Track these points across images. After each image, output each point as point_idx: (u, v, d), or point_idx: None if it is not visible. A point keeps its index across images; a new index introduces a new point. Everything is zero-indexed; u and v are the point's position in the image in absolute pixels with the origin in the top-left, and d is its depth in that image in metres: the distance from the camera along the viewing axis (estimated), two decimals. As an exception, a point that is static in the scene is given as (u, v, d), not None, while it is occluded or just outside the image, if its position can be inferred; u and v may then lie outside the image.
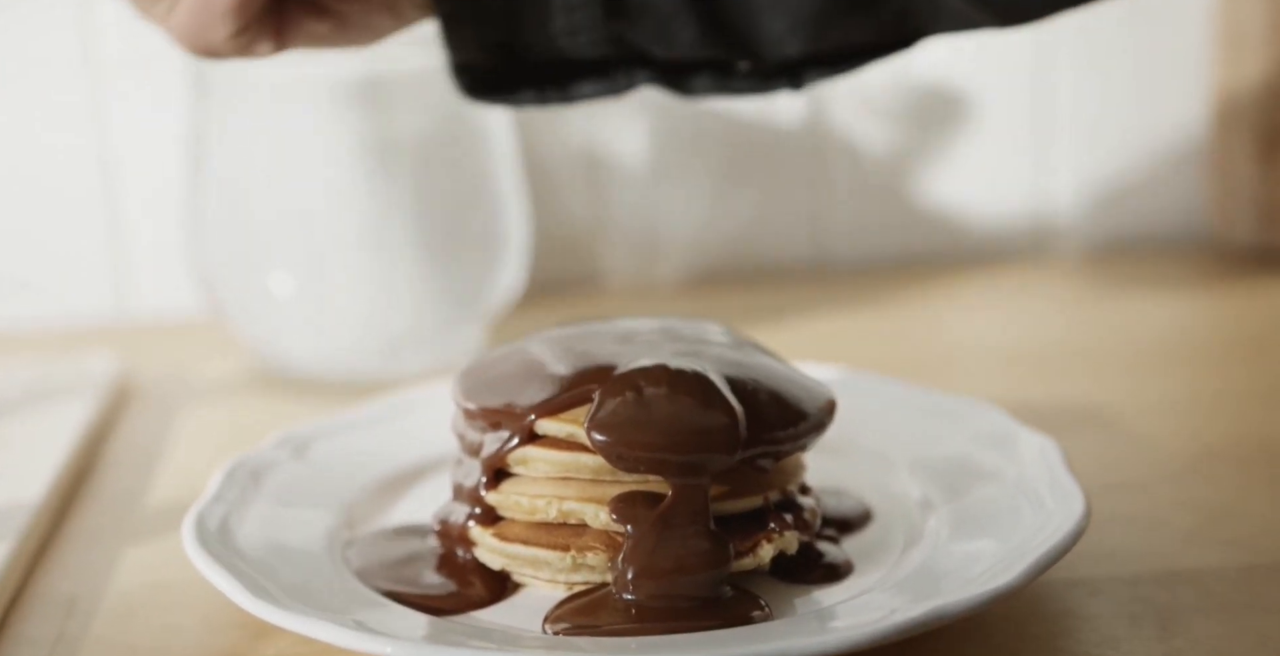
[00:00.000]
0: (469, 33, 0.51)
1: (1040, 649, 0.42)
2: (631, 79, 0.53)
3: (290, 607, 0.41)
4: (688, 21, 0.49)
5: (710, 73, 0.53)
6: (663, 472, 0.43)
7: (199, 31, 0.47)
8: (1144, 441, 0.60)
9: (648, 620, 0.42)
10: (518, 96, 0.53)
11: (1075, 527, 0.43)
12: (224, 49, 0.48)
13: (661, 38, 0.50)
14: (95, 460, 0.62)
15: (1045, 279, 0.90)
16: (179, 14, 0.47)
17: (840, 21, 0.49)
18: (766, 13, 0.49)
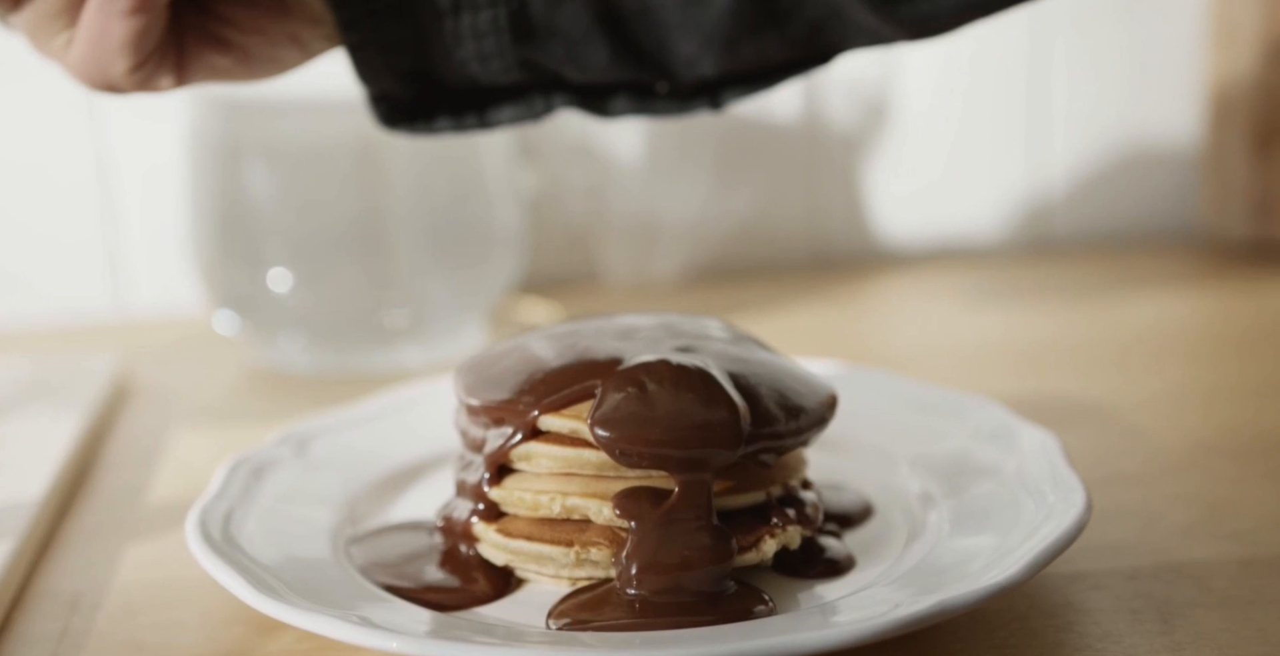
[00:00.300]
0: (379, 62, 0.50)
1: (1043, 643, 0.42)
2: (549, 103, 0.52)
3: (295, 603, 0.41)
4: (598, 45, 0.49)
5: (628, 94, 0.52)
6: (666, 468, 0.43)
7: (97, 67, 0.46)
8: (1140, 435, 0.60)
9: (652, 615, 0.42)
10: (435, 125, 0.53)
11: (1077, 521, 0.43)
12: (123, 84, 0.47)
13: (572, 61, 0.50)
14: (94, 458, 0.62)
15: (1041, 274, 0.91)
16: (75, 49, 0.46)
17: (750, 41, 0.49)
18: (675, 34, 0.49)
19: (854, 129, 0.93)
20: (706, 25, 0.49)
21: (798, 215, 0.93)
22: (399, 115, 0.53)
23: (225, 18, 0.49)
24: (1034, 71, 0.93)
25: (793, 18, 0.49)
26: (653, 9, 0.48)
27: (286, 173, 0.73)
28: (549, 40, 0.49)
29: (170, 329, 0.85)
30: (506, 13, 0.48)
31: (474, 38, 0.49)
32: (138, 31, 0.45)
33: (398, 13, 0.49)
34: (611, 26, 0.49)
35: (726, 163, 0.92)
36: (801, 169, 0.93)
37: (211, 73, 0.50)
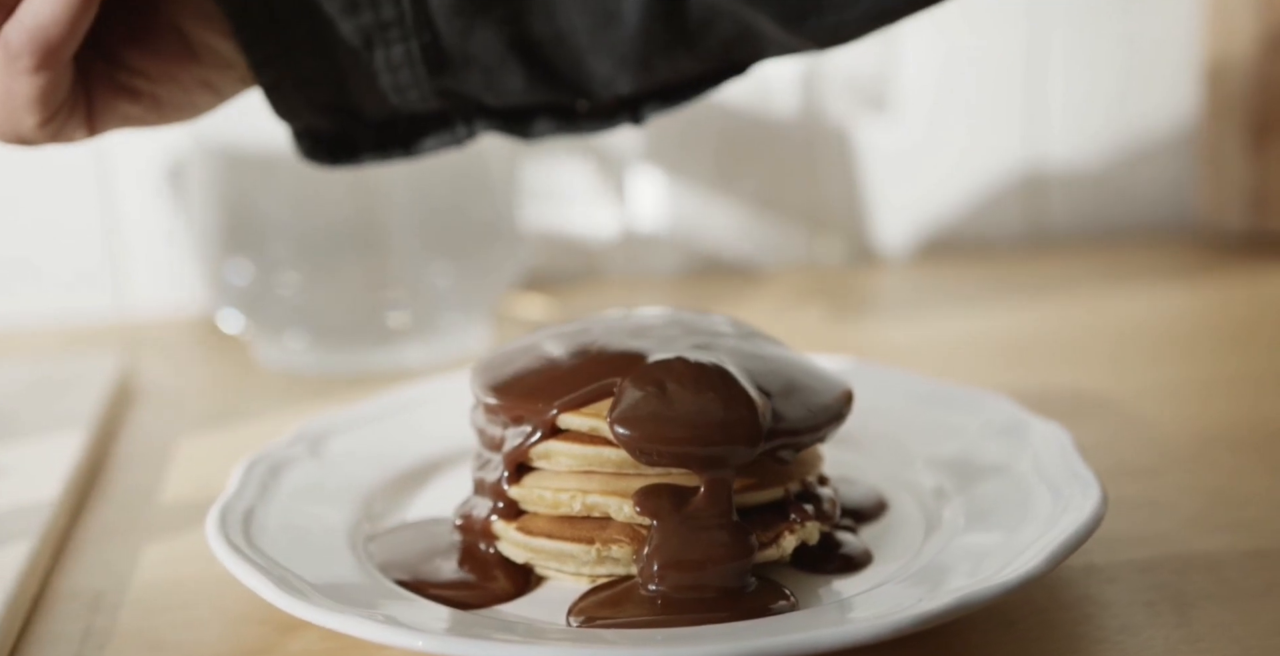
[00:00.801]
0: (296, 99, 0.50)
1: (1062, 635, 0.42)
2: (471, 128, 0.53)
3: (319, 603, 0.41)
4: (514, 70, 0.49)
5: (550, 115, 0.53)
6: (686, 466, 0.44)
7: (6, 123, 0.46)
8: (1143, 427, 0.61)
9: (673, 612, 0.42)
10: (360, 157, 0.53)
11: (1094, 514, 0.43)
12: (34, 137, 0.47)
13: (490, 88, 0.50)
14: (104, 458, 0.62)
15: (1038, 267, 0.91)
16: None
17: (664, 59, 0.50)
18: (589, 56, 0.49)
19: (851, 125, 0.93)
20: (619, 47, 0.49)
21: (797, 210, 0.94)
22: (322, 149, 0.53)
23: (133, 68, 0.49)
24: (1031, 64, 0.93)
25: (703, 36, 0.49)
26: (564, 33, 0.49)
27: (288, 171, 0.73)
28: (464, 69, 0.49)
29: (173, 328, 0.85)
30: (419, 45, 0.48)
31: (389, 71, 0.49)
32: (43, 88, 0.45)
33: (310, 50, 0.49)
34: (525, 52, 0.49)
35: (726, 157, 0.92)
36: (800, 165, 0.93)
37: (125, 121, 0.50)
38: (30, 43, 0.43)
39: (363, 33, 0.48)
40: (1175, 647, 0.41)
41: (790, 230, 0.94)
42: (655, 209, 0.92)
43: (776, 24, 0.48)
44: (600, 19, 0.48)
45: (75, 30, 0.44)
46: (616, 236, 0.92)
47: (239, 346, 0.78)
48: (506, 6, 0.48)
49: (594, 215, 0.92)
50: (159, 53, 0.48)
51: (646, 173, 0.91)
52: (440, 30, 0.48)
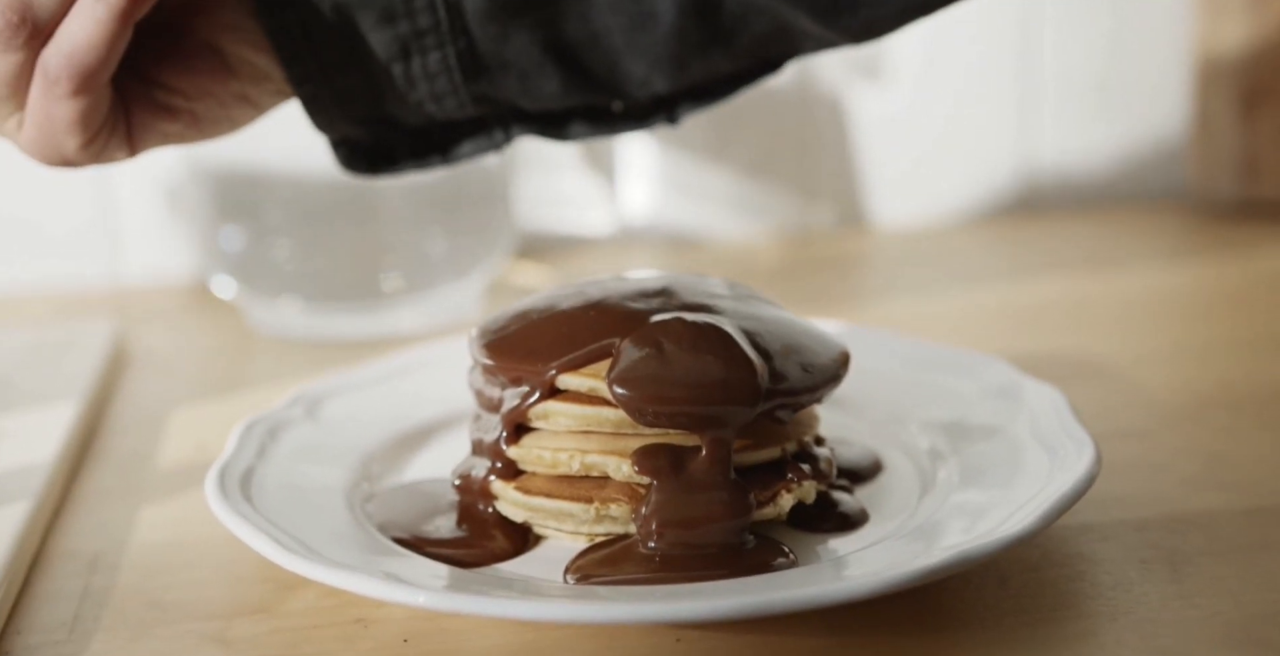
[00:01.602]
0: (334, 112, 0.51)
1: (1057, 592, 0.43)
2: (508, 133, 0.53)
3: (318, 560, 0.41)
4: (549, 73, 0.50)
5: (586, 118, 0.53)
6: (684, 426, 0.44)
7: (49, 146, 0.47)
8: (1140, 390, 0.61)
9: (672, 569, 0.43)
10: (398, 165, 0.53)
11: (1088, 473, 0.44)
12: (78, 159, 0.48)
13: (526, 92, 0.50)
14: (100, 422, 0.62)
15: (1031, 237, 0.91)
16: (26, 131, 0.47)
17: (699, 59, 0.50)
18: (624, 57, 0.49)
19: (845, 90, 0.93)
20: (654, 48, 0.49)
21: (790, 177, 0.94)
22: (360, 158, 0.53)
23: (170, 86, 0.49)
24: (1024, 32, 0.93)
25: (738, 34, 0.49)
26: (599, 35, 0.49)
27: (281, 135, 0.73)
28: (500, 74, 0.50)
29: (167, 295, 0.85)
30: (455, 52, 0.49)
31: (426, 79, 0.49)
32: (82, 112, 0.45)
33: (348, 63, 0.49)
34: (560, 55, 0.49)
35: (719, 125, 0.92)
36: (794, 131, 0.93)
37: (165, 139, 0.50)
38: (68, 67, 0.44)
39: (399, 41, 0.48)
40: (1168, 603, 0.42)
41: (783, 198, 0.94)
42: (649, 176, 0.92)
43: (812, 19, 0.48)
44: (635, 20, 0.48)
45: (111, 54, 0.44)
46: (610, 204, 0.92)
47: (233, 312, 0.78)
48: (541, 10, 0.48)
49: (588, 182, 0.92)
50: (195, 70, 0.49)
51: (639, 140, 0.91)
52: (475, 36, 0.48)
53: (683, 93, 0.52)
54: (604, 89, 0.51)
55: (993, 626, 0.41)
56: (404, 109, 0.51)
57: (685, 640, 0.41)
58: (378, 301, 0.74)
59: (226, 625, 0.43)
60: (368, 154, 0.53)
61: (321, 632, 0.43)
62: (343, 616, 0.43)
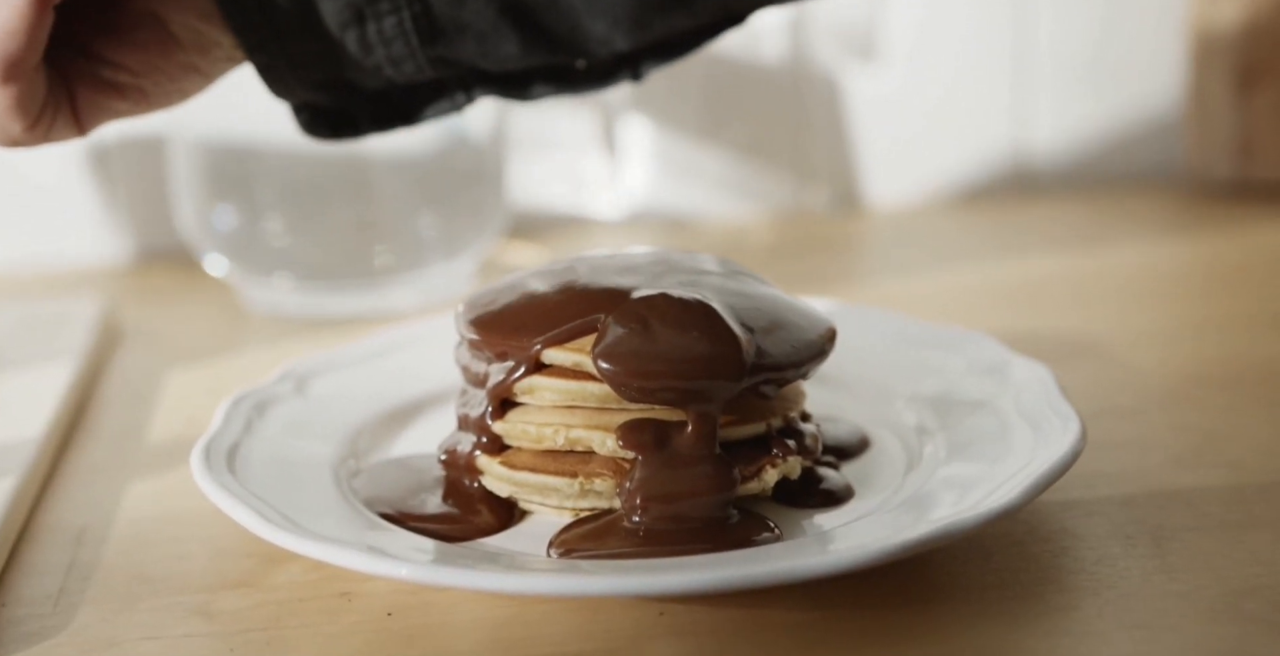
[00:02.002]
0: (291, 79, 0.50)
1: (1040, 567, 0.43)
2: (470, 95, 0.53)
3: (303, 533, 0.41)
4: (508, 36, 0.49)
5: (548, 78, 0.52)
6: (669, 401, 0.44)
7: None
8: (1133, 370, 0.61)
9: (656, 543, 0.43)
10: (360, 129, 0.53)
11: (1073, 448, 0.44)
12: (26, 140, 0.47)
13: (485, 55, 0.50)
14: (90, 398, 0.62)
15: (1026, 217, 0.91)
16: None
17: (659, 16, 0.49)
18: (584, 17, 0.49)
19: (839, 76, 0.93)
20: (614, 7, 0.48)
21: (784, 157, 0.93)
22: (322, 123, 0.53)
23: (114, 63, 0.48)
24: (1019, 11, 0.93)
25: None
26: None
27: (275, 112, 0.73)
28: (458, 37, 0.49)
29: (160, 272, 0.85)
30: (410, 16, 0.48)
31: (382, 44, 0.49)
32: (16, 98, 0.45)
33: (302, 30, 0.48)
34: (518, 17, 0.49)
35: (713, 105, 0.92)
36: (787, 115, 0.93)
37: (113, 115, 0.49)
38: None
39: (353, 8, 0.48)
40: (1150, 577, 0.42)
41: (777, 178, 0.94)
42: (642, 156, 0.92)
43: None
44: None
45: (33, 40, 0.44)
46: (604, 185, 0.92)
47: (226, 290, 0.78)
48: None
49: (581, 162, 0.91)
50: (138, 43, 0.48)
51: (633, 120, 0.91)
52: (431, 0, 0.48)
53: (645, 50, 0.52)
54: (564, 49, 0.50)
55: (976, 600, 0.41)
56: (362, 74, 0.50)
57: (669, 613, 0.41)
58: (370, 280, 0.74)
59: (211, 598, 0.43)
60: (329, 119, 0.53)
61: (306, 606, 0.43)
62: (327, 590, 0.43)
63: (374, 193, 0.74)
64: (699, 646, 0.40)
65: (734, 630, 0.40)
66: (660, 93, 0.91)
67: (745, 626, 0.40)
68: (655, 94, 0.91)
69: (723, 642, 0.40)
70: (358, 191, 0.74)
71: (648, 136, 0.91)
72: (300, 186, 0.73)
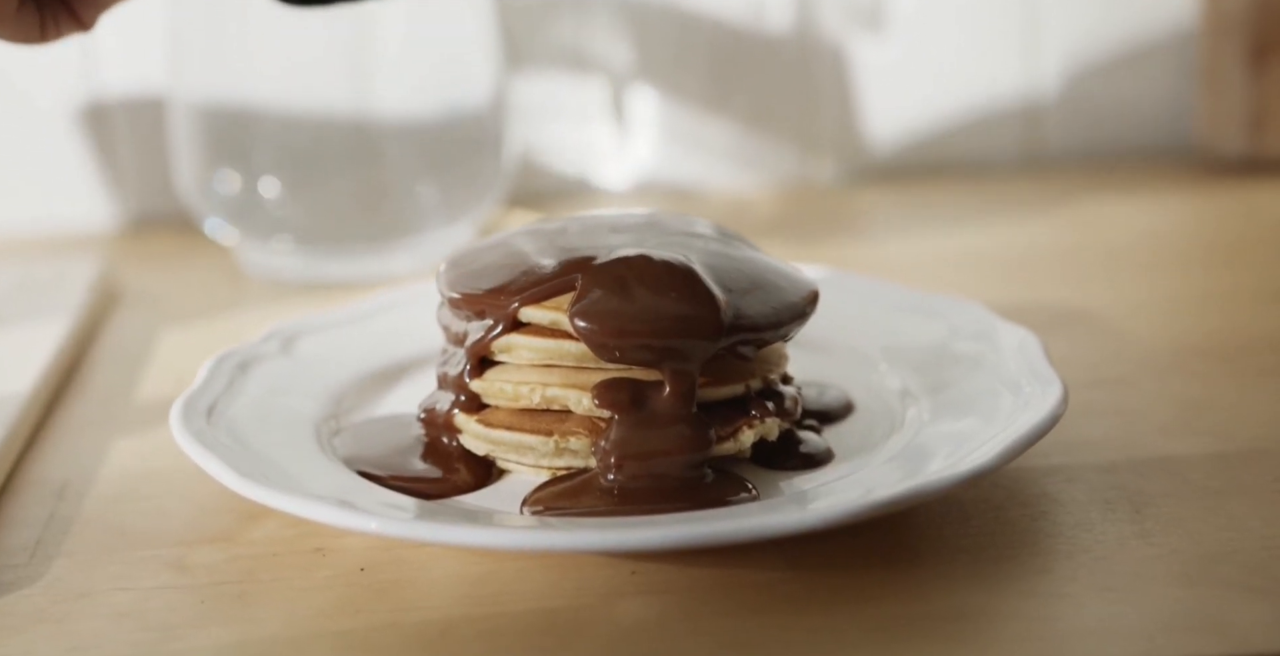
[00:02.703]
0: None
1: (1017, 531, 0.43)
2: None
3: (275, 486, 0.41)
4: None
5: None
6: (645, 360, 0.43)
7: None
8: (1128, 340, 0.60)
9: (630, 502, 0.43)
10: None
11: (1052, 411, 0.43)
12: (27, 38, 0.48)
13: None
14: (82, 357, 0.63)
15: (1033, 187, 0.90)
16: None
17: None
18: None
19: (844, 43, 0.92)
20: None
21: (789, 127, 0.93)
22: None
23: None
24: (1030, -16, 0.92)
25: None
26: None
27: (276, 76, 0.73)
28: None
29: (159, 236, 0.85)
30: None
31: None
32: None
33: None
34: None
35: (718, 74, 0.91)
36: (794, 80, 0.92)
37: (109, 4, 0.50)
38: None
39: None
40: (1126, 541, 0.41)
41: (782, 148, 0.93)
42: (646, 125, 0.91)
43: None
44: None
45: None
46: (607, 153, 0.92)
47: (225, 254, 0.78)
48: None
49: (585, 131, 0.91)
50: None
51: (637, 89, 0.91)
52: None
53: None
54: None
55: (948, 561, 0.41)
56: None
57: (641, 572, 0.41)
58: (369, 245, 0.74)
59: (187, 551, 0.43)
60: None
61: (280, 560, 0.43)
62: (302, 546, 0.43)
63: (374, 158, 0.74)
64: (669, 604, 0.40)
65: (705, 588, 0.40)
66: (665, 62, 0.90)
67: (717, 585, 0.40)
68: (660, 63, 0.90)
69: (694, 601, 0.40)
70: (358, 156, 0.74)
71: (652, 106, 0.91)
72: (300, 151, 0.73)
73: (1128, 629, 0.37)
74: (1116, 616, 0.38)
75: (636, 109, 0.91)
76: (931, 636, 0.37)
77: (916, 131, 0.94)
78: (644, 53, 0.90)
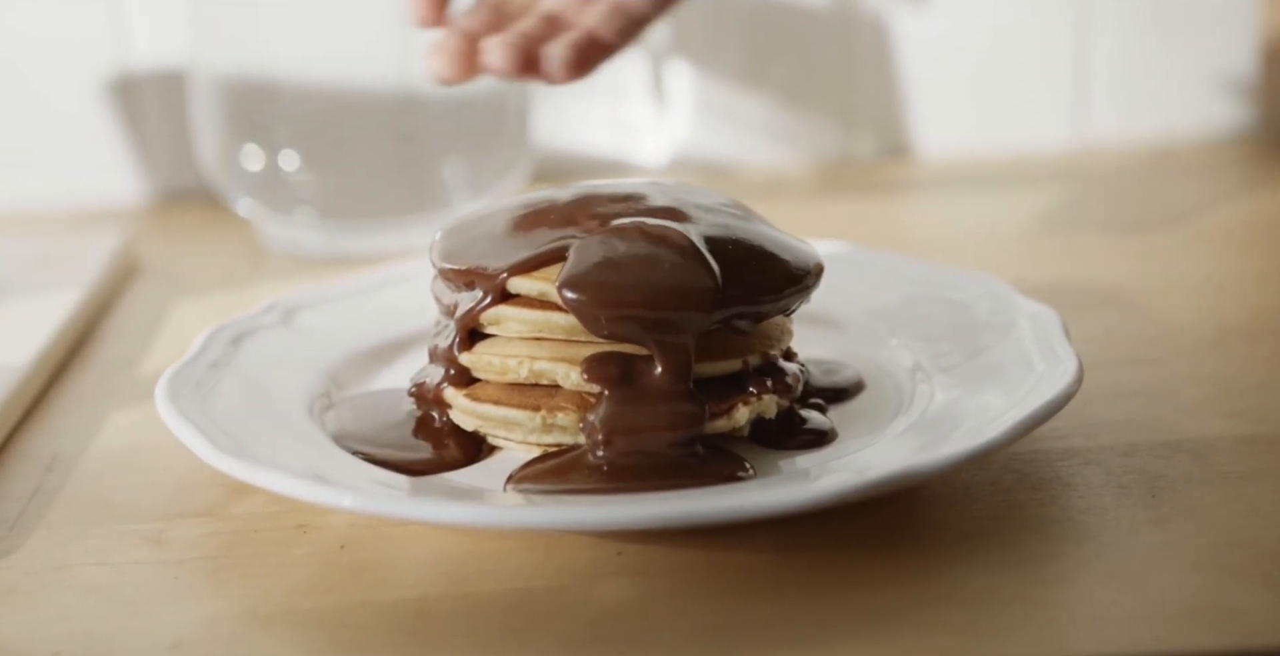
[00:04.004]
0: None
1: (1023, 515, 0.41)
2: None
3: (253, 461, 0.40)
4: None
5: None
6: (636, 332, 0.42)
7: None
8: (1158, 320, 0.58)
9: (619, 480, 0.41)
10: None
11: (1065, 390, 0.41)
12: None
13: None
14: (93, 329, 0.62)
15: (1080, 165, 0.88)
16: None
17: None
18: None
19: (886, 19, 0.89)
20: None
21: (829, 102, 0.91)
22: None
23: None
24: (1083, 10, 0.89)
25: None
26: None
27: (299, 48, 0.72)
28: None
29: (185, 210, 0.85)
30: None
31: None
32: None
33: None
34: None
35: (755, 47, 0.89)
36: (834, 53, 0.90)
37: None
38: None
39: None
40: (1138, 528, 0.39)
41: (822, 124, 0.91)
42: (681, 100, 0.90)
43: None
44: None
45: None
46: (641, 128, 0.90)
47: (246, 228, 0.77)
48: None
49: (618, 106, 0.89)
50: None
51: (672, 62, 0.89)
52: None
53: None
54: None
55: (951, 546, 0.39)
56: None
57: (626, 553, 0.40)
58: (390, 219, 0.73)
59: (167, 526, 0.43)
60: None
61: (260, 537, 0.42)
62: (284, 522, 0.42)
63: (397, 132, 0.73)
64: (655, 586, 0.38)
65: (692, 571, 0.38)
66: (701, 35, 0.88)
67: (704, 567, 0.39)
68: (695, 36, 0.88)
69: (679, 583, 0.38)
70: (380, 130, 0.73)
71: (687, 80, 0.89)
72: (324, 125, 0.72)
73: (1131, 617, 0.35)
74: (1120, 604, 0.36)
75: (671, 83, 0.89)
76: (927, 624, 0.35)
77: (960, 106, 0.91)
78: (679, 24, 0.88)
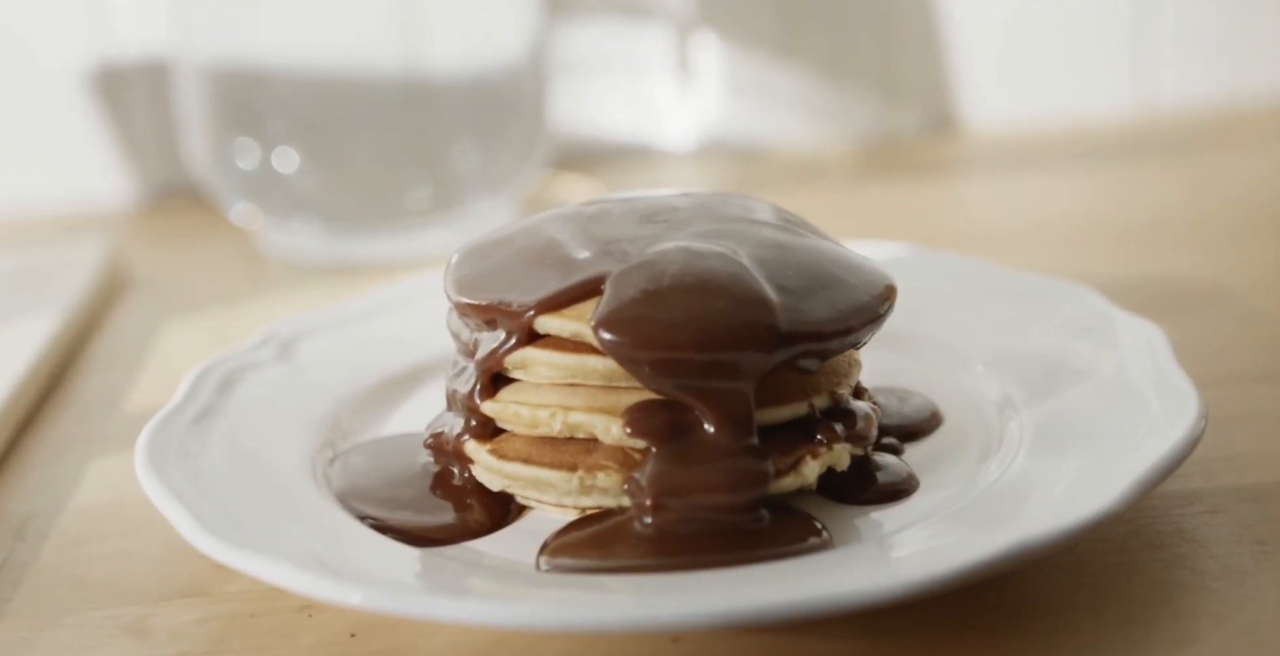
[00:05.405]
0: None
1: (1146, 582, 0.35)
2: None
3: (245, 544, 0.34)
4: None
5: None
6: (685, 377, 0.36)
7: None
8: (1260, 324, 0.52)
9: (671, 553, 0.35)
10: None
11: (1189, 435, 0.36)
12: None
13: None
14: (76, 357, 0.57)
15: (1146, 141, 0.82)
16: None
17: None
18: None
19: (932, -22, 0.84)
20: None
21: (869, 76, 0.85)
22: None
23: None
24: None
25: None
26: None
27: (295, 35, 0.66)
28: None
29: (176, 214, 0.79)
30: None
31: None
32: None
33: None
34: None
35: (790, 17, 0.83)
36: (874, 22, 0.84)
37: None
38: None
39: None
40: (1288, 602, 0.33)
41: (862, 99, 0.85)
42: (709, 76, 0.84)
43: None
44: None
45: None
46: (666, 108, 0.84)
47: (243, 235, 0.72)
48: None
49: (641, 85, 0.84)
50: None
51: (699, 35, 0.83)
52: None
53: None
54: None
55: (1062, 627, 0.33)
56: None
57: (684, 640, 0.34)
58: (401, 221, 0.67)
59: (150, 611, 0.37)
60: None
61: (258, 623, 0.36)
62: (286, 603, 0.37)
63: (403, 124, 0.67)
64: (717, 682, 0.32)
65: (761, 662, 0.33)
66: (729, 3, 0.82)
67: None
68: (723, 5, 0.82)
69: (746, 678, 0.32)
70: (385, 123, 0.67)
71: (716, 55, 0.83)
72: (322, 117, 0.67)
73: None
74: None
75: (699, 58, 0.83)
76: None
77: (1012, 78, 0.85)
78: None
